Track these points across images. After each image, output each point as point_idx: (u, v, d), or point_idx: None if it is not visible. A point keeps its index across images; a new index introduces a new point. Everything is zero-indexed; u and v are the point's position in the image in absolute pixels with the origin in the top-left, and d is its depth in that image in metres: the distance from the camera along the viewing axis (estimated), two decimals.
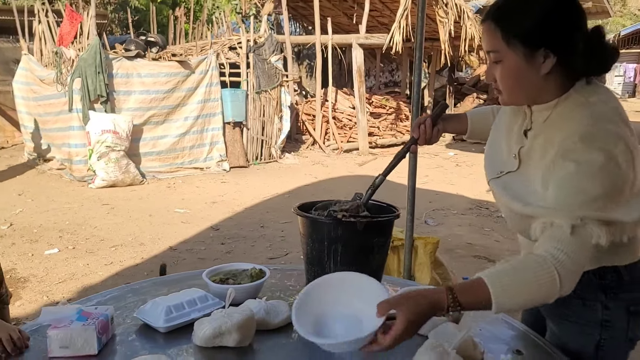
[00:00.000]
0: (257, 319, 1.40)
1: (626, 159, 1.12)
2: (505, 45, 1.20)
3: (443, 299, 1.08)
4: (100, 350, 1.28)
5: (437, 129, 1.57)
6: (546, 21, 1.18)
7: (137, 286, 1.74)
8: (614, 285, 1.29)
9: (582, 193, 1.11)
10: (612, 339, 1.30)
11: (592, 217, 1.10)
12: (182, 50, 8.37)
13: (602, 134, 1.13)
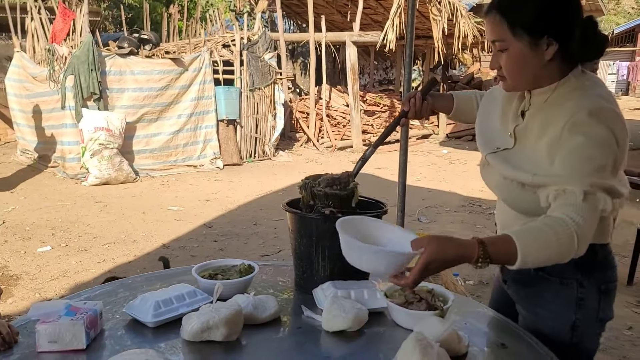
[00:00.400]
0: (245, 314, 1.41)
1: (622, 138, 1.24)
2: (511, 34, 1.29)
3: (474, 251, 1.16)
4: (89, 345, 1.29)
5: (426, 103, 1.67)
6: (548, 10, 1.27)
7: (130, 281, 1.75)
8: (589, 264, 1.36)
9: (591, 161, 1.20)
10: (585, 319, 1.38)
11: (600, 184, 1.20)
12: (176, 47, 8.35)
13: (607, 112, 1.24)
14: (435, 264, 1.17)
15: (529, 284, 1.45)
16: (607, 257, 1.41)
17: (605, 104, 1.26)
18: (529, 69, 1.32)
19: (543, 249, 1.17)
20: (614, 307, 1.45)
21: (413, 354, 1.16)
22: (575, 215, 1.17)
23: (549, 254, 1.18)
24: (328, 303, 1.44)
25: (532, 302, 1.46)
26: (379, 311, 1.49)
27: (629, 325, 3.35)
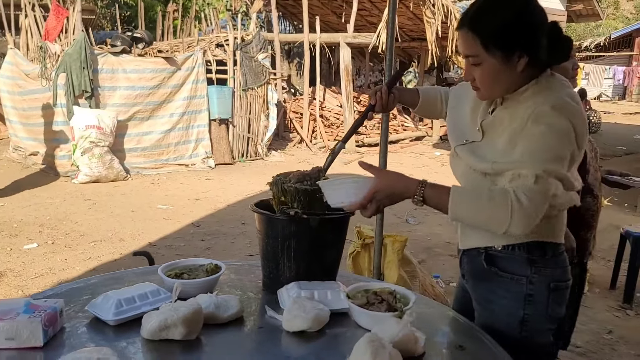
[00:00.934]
0: (207, 313, 1.42)
1: (582, 134, 1.31)
2: (484, 50, 1.35)
3: (414, 188, 1.32)
4: (47, 343, 1.29)
5: (392, 96, 1.69)
6: (518, 27, 1.34)
7: (95, 280, 1.75)
8: (539, 261, 1.41)
9: (550, 150, 1.27)
10: (534, 314, 1.42)
11: (554, 171, 1.26)
12: (169, 46, 8.35)
13: (569, 107, 1.31)
14: (382, 193, 1.34)
15: (483, 279, 1.49)
16: (559, 256, 1.45)
17: (569, 100, 1.32)
18: (503, 81, 1.38)
19: (474, 209, 1.28)
20: (595, 311, 1.53)
21: (364, 354, 1.17)
22: (520, 193, 1.23)
23: (480, 216, 1.28)
24: (289, 303, 1.45)
25: (485, 298, 1.50)
26: (342, 312, 1.50)
27: (609, 329, 3.37)
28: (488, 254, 1.46)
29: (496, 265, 1.44)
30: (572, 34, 30.89)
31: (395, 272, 2.67)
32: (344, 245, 1.72)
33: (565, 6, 16.32)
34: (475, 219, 1.30)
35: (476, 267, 1.49)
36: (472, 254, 1.51)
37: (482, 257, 1.47)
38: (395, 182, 1.34)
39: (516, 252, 1.41)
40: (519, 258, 1.41)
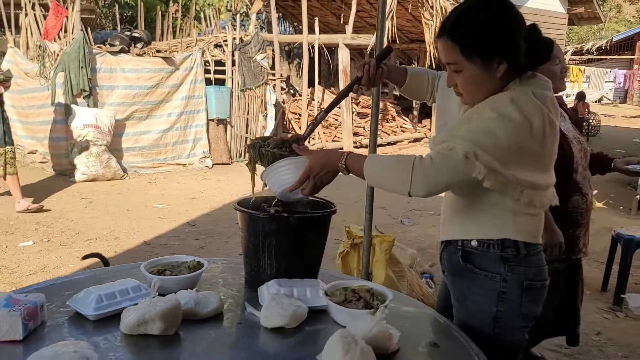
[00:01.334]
0: (186, 309, 1.44)
1: (538, 131, 1.31)
2: (464, 58, 1.38)
3: (338, 159, 1.43)
4: (27, 336, 1.31)
5: (380, 71, 1.71)
6: (496, 33, 1.36)
7: (80, 276, 1.78)
8: (512, 259, 1.43)
9: (492, 137, 1.30)
10: (507, 311, 1.44)
11: (486, 160, 1.29)
12: (167, 46, 8.38)
13: (529, 103, 1.33)
14: (315, 169, 1.45)
15: (460, 275, 1.52)
16: (533, 256, 1.46)
17: (532, 98, 1.34)
18: (483, 87, 1.41)
19: (382, 169, 1.38)
20: (584, 312, 1.56)
21: (336, 350, 1.19)
22: (427, 156, 1.31)
23: (386, 176, 1.38)
24: (267, 300, 1.47)
25: (462, 294, 1.52)
26: (321, 309, 1.52)
27: (597, 330, 3.38)
28: (464, 250, 1.48)
29: (471, 262, 1.47)
30: (574, 37, 30.91)
31: (382, 272, 2.69)
32: (325, 244, 1.74)
33: (566, 9, 16.36)
34: (383, 179, 1.40)
35: (454, 263, 1.52)
36: (450, 250, 1.53)
37: (459, 254, 1.49)
38: (325, 157, 1.46)
39: (490, 249, 1.44)
40: (493, 255, 1.44)
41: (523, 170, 1.34)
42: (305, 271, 1.66)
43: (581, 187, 2.24)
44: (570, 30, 28.00)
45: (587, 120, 13.34)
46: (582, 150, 2.28)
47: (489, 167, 1.29)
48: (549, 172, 1.44)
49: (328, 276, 1.75)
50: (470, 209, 1.46)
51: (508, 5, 1.39)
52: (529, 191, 1.37)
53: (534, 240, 1.46)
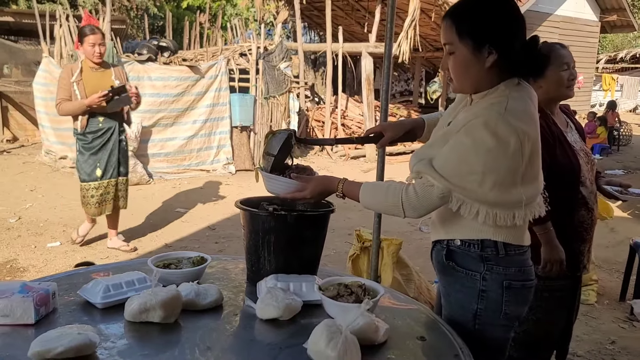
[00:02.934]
0: (187, 300, 1.53)
1: (514, 150, 1.36)
2: (457, 39, 1.45)
3: (335, 186, 1.61)
4: (39, 321, 1.42)
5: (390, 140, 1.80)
6: (492, 23, 1.44)
7: (93, 269, 1.89)
8: (491, 259, 1.47)
9: (465, 164, 1.39)
10: (487, 309, 1.48)
11: (462, 189, 1.40)
12: (194, 55, 8.60)
13: (503, 125, 1.37)
14: (317, 195, 1.64)
15: (445, 273, 1.57)
16: (513, 256, 1.49)
17: (507, 117, 1.37)
18: (471, 73, 1.47)
19: (375, 198, 1.54)
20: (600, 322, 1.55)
21: (320, 338, 1.25)
22: (411, 189, 1.45)
23: (380, 207, 1.56)
24: (263, 293, 1.54)
25: (446, 291, 1.58)
26: (316, 303, 1.58)
27: (612, 339, 3.34)
28: (449, 249, 1.54)
29: (454, 261, 1.53)
30: (608, 45, 30.27)
31: (390, 275, 2.73)
32: (323, 242, 1.81)
33: (598, 17, 16.09)
34: (378, 208, 1.61)
35: (439, 261, 1.58)
36: (437, 249, 1.59)
37: (444, 252, 1.54)
38: (322, 186, 1.63)
39: (471, 249, 1.49)
40: (473, 254, 1.49)
41: (500, 191, 1.39)
42: (303, 268, 1.73)
43: (587, 202, 2.14)
44: (604, 39, 27.44)
45: (618, 130, 13.06)
46: (589, 163, 2.19)
47: (462, 200, 1.41)
48: (533, 183, 1.46)
49: (327, 274, 1.81)
50: (454, 214, 1.49)
51: (513, 5, 1.46)
52: (503, 212, 1.42)
53: (515, 242, 1.49)
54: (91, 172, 4.28)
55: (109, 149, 4.30)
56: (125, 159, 4.53)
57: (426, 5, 9.44)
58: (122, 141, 4.45)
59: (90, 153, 4.27)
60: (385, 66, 2.73)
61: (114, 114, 4.23)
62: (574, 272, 2.18)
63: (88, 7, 13.26)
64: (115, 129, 4.32)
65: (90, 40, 3.84)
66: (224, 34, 11.00)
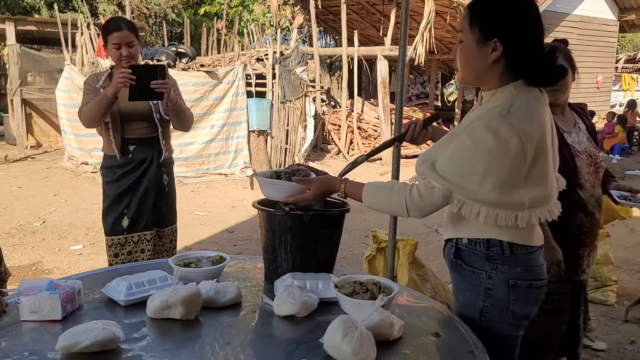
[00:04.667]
0: (207, 297, 1.57)
1: (516, 151, 1.36)
2: (468, 27, 1.46)
3: (337, 186, 1.64)
4: (65, 317, 1.48)
5: (425, 132, 1.82)
6: (504, 19, 1.43)
7: (117, 269, 1.95)
8: (497, 258, 1.49)
9: (467, 164, 1.40)
10: (493, 307, 1.49)
11: (463, 189, 1.41)
12: (211, 61, 8.72)
13: (504, 126, 1.37)
14: (319, 196, 1.66)
15: (455, 271, 1.59)
16: (519, 256, 1.49)
17: (509, 118, 1.37)
18: (473, 64, 1.47)
19: (379, 199, 1.56)
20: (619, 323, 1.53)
21: (336, 333, 1.29)
22: (415, 191, 1.47)
23: (384, 207, 1.57)
24: (280, 290, 1.58)
25: (455, 288, 1.61)
26: (332, 301, 1.61)
27: (631, 339, 3.31)
28: (457, 247, 1.55)
29: (461, 259, 1.54)
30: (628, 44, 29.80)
31: (406, 275, 2.75)
32: (339, 241, 1.84)
33: (617, 16, 15.88)
34: (381, 209, 1.59)
35: (449, 259, 1.60)
36: (448, 247, 1.61)
37: (453, 250, 1.57)
38: (324, 187, 1.66)
39: (477, 247, 1.50)
40: (480, 253, 1.50)
41: (501, 192, 1.38)
42: (319, 266, 1.76)
43: (586, 205, 2.08)
44: (623, 38, 27.01)
45: (638, 130, 12.86)
46: (592, 165, 2.12)
47: (463, 201, 1.43)
48: (540, 185, 1.44)
49: (343, 274, 1.84)
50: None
51: (534, 10, 1.45)
52: (505, 213, 1.42)
53: (522, 241, 1.48)
54: (115, 222, 2.86)
55: (142, 191, 2.84)
56: (169, 206, 3.02)
57: (441, 7, 9.44)
58: (164, 180, 2.91)
59: (116, 194, 2.84)
60: (399, 69, 2.76)
61: (150, 140, 2.84)
62: (573, 276, 2.14)
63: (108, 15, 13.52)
64: (153, 161, 2.84)
65: (114, 40, 2.66)
66: (241, 40, 11.12)
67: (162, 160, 2.86)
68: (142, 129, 2.79)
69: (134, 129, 2.77)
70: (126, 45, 2.66)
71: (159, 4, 16.48)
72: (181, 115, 2.78)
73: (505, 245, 1.47)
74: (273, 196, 1.72)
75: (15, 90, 9.60)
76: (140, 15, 16.11)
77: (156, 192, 2.87)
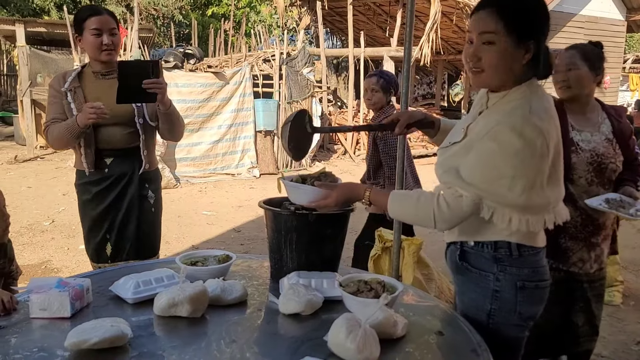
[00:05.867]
0: (213, 295, 1.59)
1: (542, 152, 1.37)
2: (504, 29, 1.39)
3: (362, 193, 1.59)
4: (74, 314, 1.50)
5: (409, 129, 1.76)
6: (537, 19, 1.44)
7: (125, 268, 1.97)
8: (505, 259, 1.49)
9: (494, 169, 1.39)
10: (500, 309, 1.49)
11: (492, 195, 1.40)
12: (218, 62, 8.76)
13: (529, 126, 1.37)
14: (340, 202, 1.61)
15: (460, 273, 1.59)
16: (527, 257, 1.50)
17: (532, 119, 1.37)
18: (506, 67, 1.43)
19: (405, 209, 1.53)
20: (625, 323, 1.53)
21: (340, 331, 1.30)
22: (442, 200, 1.43)
23: (410, 216, 1.55)
24: (285, 289, 1.60)
25: (460, 290, 1.60)
26: (337, 299, 1.63)
27: (637, 340, 3.30)
28: (462, 250, 1.56)
29: (467, 261, 1.55)
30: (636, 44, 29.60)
31: (410, 274, 2.76)
32: (344, 240, 1.86)
33: (625, 16, 15.78)
34: (408, 219, 1.58)
35: (453, 261, 1.60)
36: (452, 249, 1.61)
37: (457, 253, 1.57)
38: (348, 193, 1.62)
39: (485, 249, 1.50)
40: (487, 255, 1.50)
41: (530, 194, 1.38)
42: (324, 265, 1.78)
43: (576, 200, 2.12)
44: (631, 38, 26.83)
45: None
46: (594, 164, 2.16)
47: (494, 208, 1.41)
48: (558, 185, 1.48)
49: (348, 271, 1.86)
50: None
51: (545, 3, 1.47)
52: (534, 217, 1.43)
53: (529, 243, 1.50)
54: (98, 249, 2.45)
55: (122, 211, 2.42)
56: (153, 232, 2.61)
57: (447, 8, 9.43)
58: (149, 198, 2.51)
59: (95, 216, 2.43)
60: (404, 69, 2.77)
61: (130, 151, 2.39)
62: (559, 266, 2.17)
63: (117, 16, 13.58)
64: (134, 177, 2.42)
65: (93, 25, 2.23)
66: (248, 41, 11.16)
67: (143, 173, 2.42)
68: (121, 137, 2.35)
69: (110, 138, 2.33)
70: (108, 33, 2.26)
71: (166, 5, 16.58)
72: (174, 121, 2.38)
73: (513, 247, 1.48)
74: (297, 200, 1.70)
75: (25, 91, 9.68)
76: (148, 17, 16.21)
77: (139, 214, 2.44)
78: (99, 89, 2.33)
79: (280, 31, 12.09)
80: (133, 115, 2.36)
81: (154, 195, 2.52)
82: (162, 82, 2.20)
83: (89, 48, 2.29)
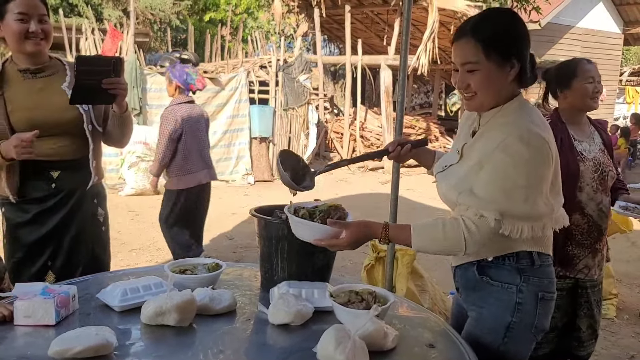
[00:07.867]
0: (201, 304, 1.57)
1: (548, 160, 1.41)
2: (484, 57, 1.43)
3: (379, 231, 1.49)
4: (59, 322, 1.47)
5: (411, 154, 1.77)
6: (514, 36, 1.47)
7: (112, 274, 1.94)
8: (527, 270, 1.48)
9: (508, 180, 1.39)
10: (520, 322, 1.48)
11: (510, 211, 1.39)
12: (215, 67, 8.76)
13: (535, 136, 1.40)
14: (355, 242, 1.50)
15: (476, 289, 1.56)
16: (546, 267, 1.51)
17: (535, 129, 1.41)
18: (495, 88, 1.47)
19: (433, 241, 1.46)
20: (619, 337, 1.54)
21: (329, 342, 1.28)
22: (470, 222, 1.40)
23: (438, 247, 1.46)
24: (275, 299, 1.58)
25: (478, 305, 1.55)
26: (328, 310, 1.60)
27: (631, 354, 3.28)
28: (480, 265, 1.53)
29: (487, 275, 1.52)
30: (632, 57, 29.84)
31: (404, 285, 2.74)
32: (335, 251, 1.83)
33: (621, 29, 15.91)
34: (435, 249, 1.49)
35: (469, 278, 1.56)
36: (464, 266, 1.58)
37: (474, 268, 1.53)
38: (362, 232, 1.51)
39: (506, 262, 1.49)
40: (509, 267, 1.49)
41: (538, 203, 1.40)
42: (315, 275, 1.75)
43: (583, 208, 2.19)
44: (627, 51, 27.05)
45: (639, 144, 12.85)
46: (597, 172, 2.23)
47: (513, 223, 1.39)
48: (559, 192, 1.51)
49: (341, 282, 1.84)
50: None
51: (517, 16, 1.50)
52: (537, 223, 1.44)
53: (546, 251, 1.51)
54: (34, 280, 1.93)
55: (72, 233, 2.08)
56: (103, 252, 2.23)
57: (445, 18, 9.47)
58: (99, 215, 2.19)
59: (33, 242, 2.03)
60: (400, 78, 2.77)
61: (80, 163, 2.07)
62: (565, 273, 2.22)
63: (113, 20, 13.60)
64: (85, 192, 2.10)
65: (18, 9, 1.88)
66: (245, 47, 11.16)
67: (92, 188, 2.11)
68: (68, 146, 2.02)
69: (58, 149, 1.99)
70: (37, 19, 1.90)
71: (164, 10, 16.58)
72: (128, 126, 2.12)
73: (535, 256, 1.48)
74: (303, 237, 1.55)
75: None
76: (145, 21, 16.21)
77: (91, 233, 2.13)
78: (28, 93, 1.91)
79: (278, 38, 12.10)
80: (81, 122, 2.02)
81: (103, 212, 2.19)
82: (124, 81, 1.93)
83: (11, 36, 1.88)
